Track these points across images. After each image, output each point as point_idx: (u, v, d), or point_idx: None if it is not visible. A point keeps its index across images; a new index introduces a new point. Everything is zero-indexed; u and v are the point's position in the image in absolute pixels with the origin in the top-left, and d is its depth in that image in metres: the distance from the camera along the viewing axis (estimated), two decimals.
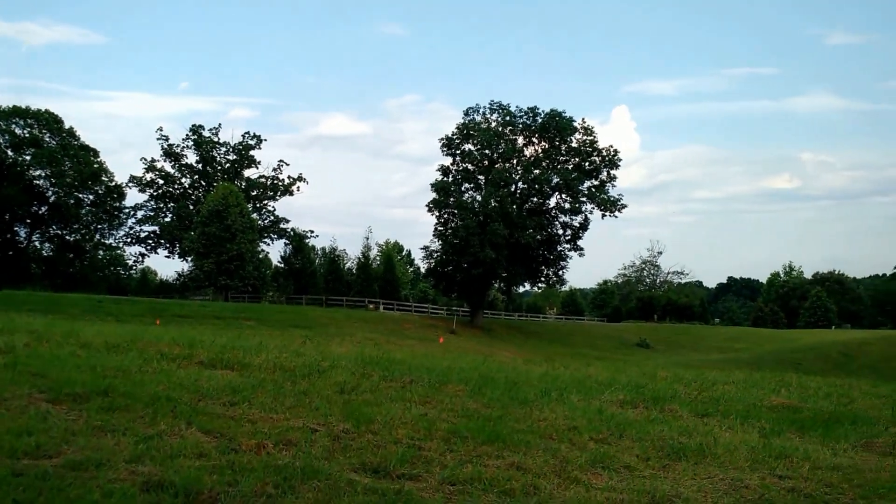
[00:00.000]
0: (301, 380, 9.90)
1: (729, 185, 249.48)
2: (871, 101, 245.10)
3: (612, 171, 60.27)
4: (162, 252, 74.30)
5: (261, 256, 68.63)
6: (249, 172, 77.04)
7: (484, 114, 62.32)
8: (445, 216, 61.91)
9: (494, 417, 8.32)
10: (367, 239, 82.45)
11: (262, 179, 76.97)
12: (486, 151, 60.23)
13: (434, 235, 63.13)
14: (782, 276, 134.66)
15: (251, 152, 76.04)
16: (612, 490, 5.84)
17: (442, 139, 62.22)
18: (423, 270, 78.63)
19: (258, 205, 75.58)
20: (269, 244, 77.19)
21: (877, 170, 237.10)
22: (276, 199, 77.96)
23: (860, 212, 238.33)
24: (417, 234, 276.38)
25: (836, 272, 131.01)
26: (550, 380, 12.83)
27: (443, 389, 10.12)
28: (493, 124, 61.56)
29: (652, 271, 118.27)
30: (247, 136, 76.08)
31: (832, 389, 14.40)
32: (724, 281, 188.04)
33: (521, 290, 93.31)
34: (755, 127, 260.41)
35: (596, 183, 60.12)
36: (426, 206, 62.10)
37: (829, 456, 7.54)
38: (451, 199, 60.60)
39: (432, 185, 61.65)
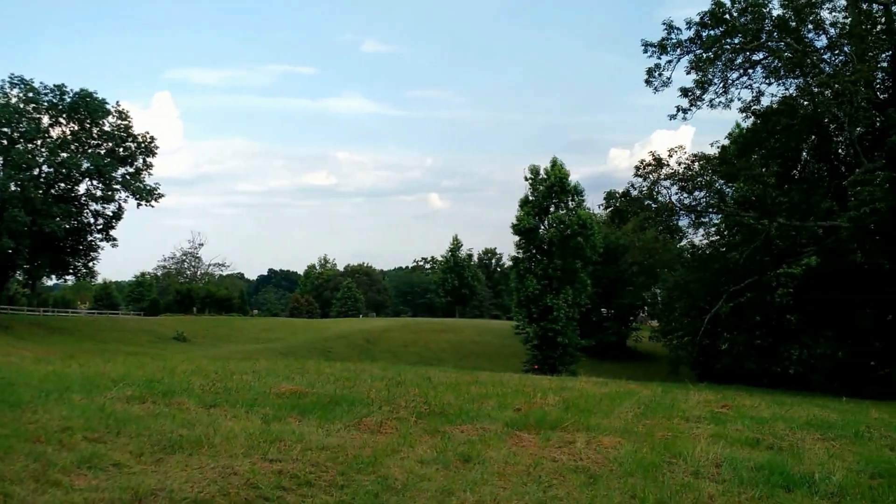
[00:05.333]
0: None
1: (271, 179, 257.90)
2: (399, 107, 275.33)
3: (149, 159, 57.53)
4: None
5: None
6: None
7: (2, 88, 54.74)
8: None
9: None
10: None
11: None
12: (6, 130, 52.97)
13: None
14: (318, 268, 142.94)
15: None
16: (94, 490, 5.57)
17: None
18: None
19: None
20: None
21: (402, 171, 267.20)
22: None
23: (387, 209, 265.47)
24: None
25: (365, 265, 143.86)
26: (56, 379, 11.78)
27: None
28: (14, 100, 54.38)
29: (193, 263, 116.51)
30: None
31: (343, 374, 15.35)
32: (265, 273, 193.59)
33: (50, 283, 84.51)
34: (296, 124, 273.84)
35: (131, 170, 56.83)
36: None
37: (321, 437, 8.01)
38: None
39: None
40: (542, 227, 52.73)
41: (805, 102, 27.94)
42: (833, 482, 7.09)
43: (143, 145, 57.17)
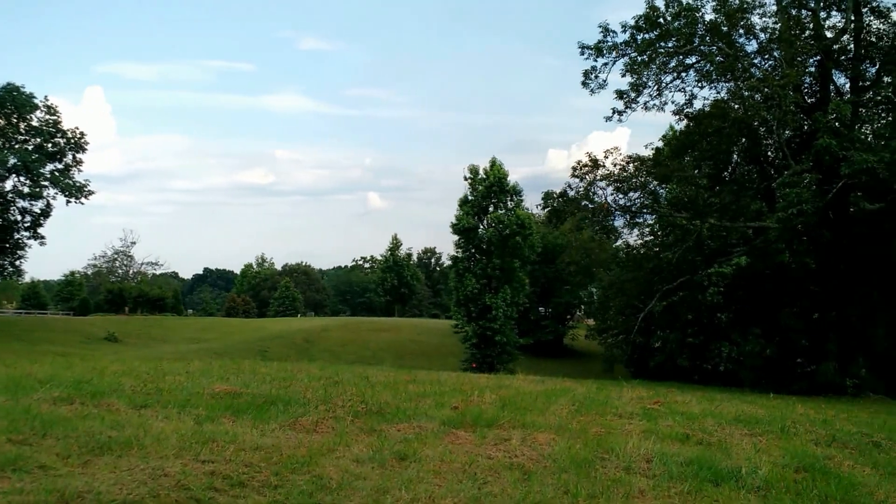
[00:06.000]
0: None
1: (207, 177, 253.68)
2: (337, 105, 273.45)
3: (79, 155, 55.90)
4: None
5: None
6: None
7: None
8: None
9: None
10: None
11: None
12: None
13: None
14: (255, 267, 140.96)
15: None
16: (19, 493, 5.42)
17: None
18: None
19: None
20: None
21: (340, 169, 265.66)
22: None
23: (326, 208, 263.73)
24: None
25: (304, 264, 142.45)
26: None
27: None
28: None
29: (125, 262, 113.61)
30: None
31: (279, 374, 15.05)
32: (201, 272, 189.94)
33: None
34: (233, 120, 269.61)
35: (60, 166, 55.13)
36: None
37: (256, 437, 7.91)
38: None
39: None
40: (482, 227, 53.04)
41: (736, 106, 28.69)
42: (759, 476, 7.31)
43: (72, 141, 55.47)
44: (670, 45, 28.71)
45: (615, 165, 31.35)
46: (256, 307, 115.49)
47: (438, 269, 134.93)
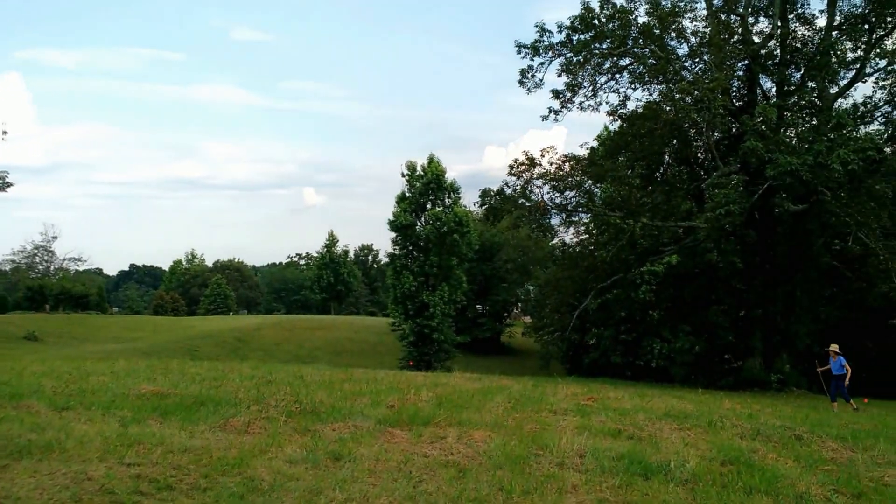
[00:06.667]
0: None
1: (134, 169, 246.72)
2: (272, 97, 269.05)
3: None
4: None
5: None
6: None
7: None
8: None
9: None
10: None
11: None
12: None
13: None
14: (185, 263, 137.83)
15: None
16: None
17: None
18: None
19: None
20: None
21: (275, 164, 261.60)
22: None
23: (260, 203, 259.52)
24: None
25: (237, 260, 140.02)
26: None
27: None
28: None
29: (45, 257, 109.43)
30: None
31: (210, 374, 14.87)
32: (126, 268, 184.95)
33: None
34: (162, 111, 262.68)
35: None
36: None
37: (184, 439, 7.74)
38: None
39: None
40: (419, 224, 52.94)
41: (667, 108, 29.26)
42: (687, 469, 7.48)
43: None
44: (605, 46, 29.11)
45: (551, 164, 31.69)
46: (186, 305, 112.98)
47: (376, 266, 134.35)
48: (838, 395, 19.70)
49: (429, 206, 53.05)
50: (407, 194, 53.02)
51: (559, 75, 30.62)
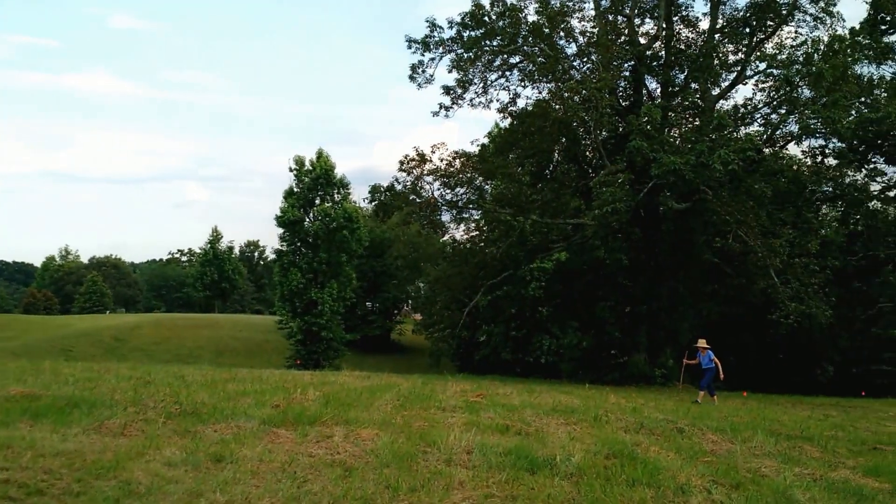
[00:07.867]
0: None
1: (4, 161, 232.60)
2: (152, 88, 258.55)
3: None
4: None
5: None
6: None
7: None
8: None
9: None
10: None
11: None
12: None
13: None
14: (58, 260, 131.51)
15: None
16: None
17: None
18: None
19: None
20: None
21: (156, 157, 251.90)
22: None
23: (139, 197, 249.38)
24: None
25: (114, 256, 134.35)
26: None
27: None
28: None
29: None
30: None
31: (84, 375, 14.27)
32: None
33: None
34: (34, 100, 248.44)
35: None
36: None
37: (56, 442, 7.35)
38: None
39: None
40: (308, 220, 52.24)
41: (556, 106, 29.83)
42: (572, 463, 7.58)
43: None
44: (495, 43, 29.37)
45: (442, 161, 31.74)
46: (59, 303, 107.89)
47: (262, 263, 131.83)
48: (706, 387, 20.36)
49: (318, 201, 52.43)
50: (295, 189, 52.19)
51: (450, 71, 30.72)
